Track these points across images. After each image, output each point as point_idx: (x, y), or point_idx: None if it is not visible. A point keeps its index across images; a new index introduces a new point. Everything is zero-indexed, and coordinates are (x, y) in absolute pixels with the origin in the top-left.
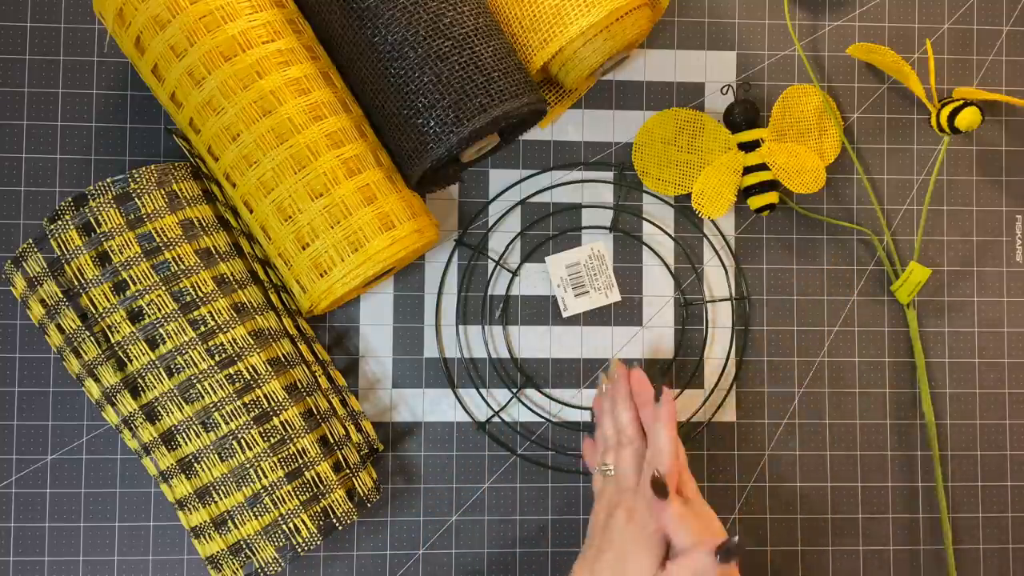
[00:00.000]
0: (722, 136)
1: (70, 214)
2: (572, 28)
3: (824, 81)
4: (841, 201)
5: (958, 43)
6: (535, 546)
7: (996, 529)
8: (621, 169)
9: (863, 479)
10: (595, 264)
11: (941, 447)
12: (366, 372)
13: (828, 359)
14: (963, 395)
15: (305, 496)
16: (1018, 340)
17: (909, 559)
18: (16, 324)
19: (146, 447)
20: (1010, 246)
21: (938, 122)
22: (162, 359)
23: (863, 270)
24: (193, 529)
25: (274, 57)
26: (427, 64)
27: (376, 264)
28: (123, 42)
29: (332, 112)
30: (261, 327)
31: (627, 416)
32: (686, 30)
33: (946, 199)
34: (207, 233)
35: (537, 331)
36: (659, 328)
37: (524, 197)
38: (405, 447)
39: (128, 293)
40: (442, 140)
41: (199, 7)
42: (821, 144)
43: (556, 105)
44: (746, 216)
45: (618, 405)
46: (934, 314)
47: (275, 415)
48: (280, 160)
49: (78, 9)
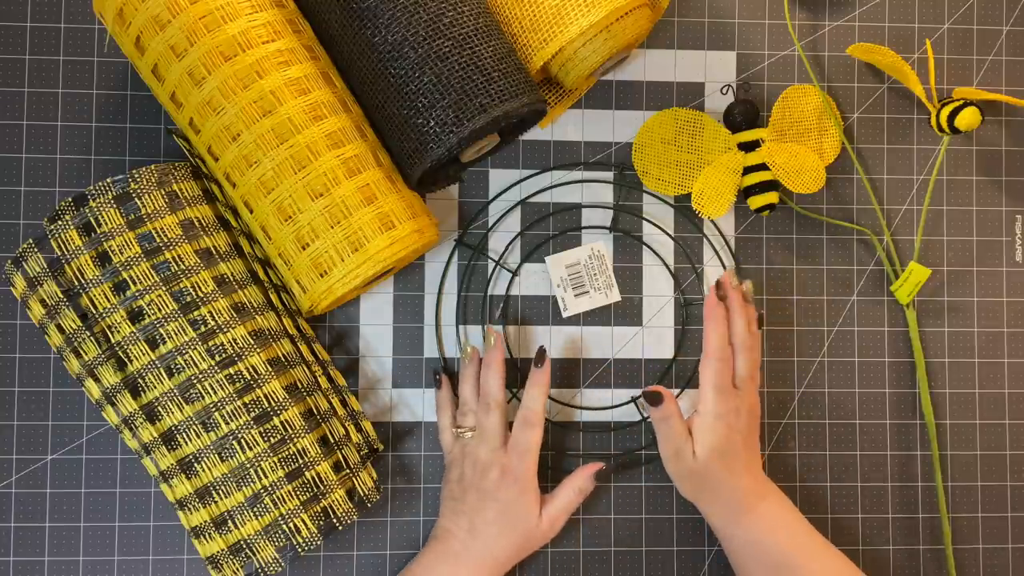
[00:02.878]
0: (722, 136)
1: (70, 214)
2: (572, 28)
3: (824, 81)
4: (841, 201)
5: (958, 43)
6: None
7: (996, 529)
8: (621, 169)
9: (863, 479)
10: (595, 264)
11: (941, 447)
12: (366, 372)
13: (828, 359)
14: (963, 395)
15: (305, 496)
16: (1018, 340)
17: (909, 559)
18: (16, 324)
19: (146, 447)
20: (1010, 246)
21: (938, 122)
22: (162, 359)
23: (863, 270)
24: (193, 529)
25: (274, 57)
26: (427, 64)
27: (376, 264)
28: (123, 42)
29: (332, 112)
30: (261, 327)
31: (496, 383)
32: (686, 30)
33: (946, 199)
34: (207, 233)
35: (537, 331)
36: (659, 328)
37: (524, 197)
38: (405, 447)
39: (128, 293)
40: (442, 140)
41: (199, 7)
42: (821, 144)
43: (556, 105)
44: (746, 216)
45: (490, 370)
46: (934, 314)
47: (275, 415)
48: (280, 160)
49: (78, 9)
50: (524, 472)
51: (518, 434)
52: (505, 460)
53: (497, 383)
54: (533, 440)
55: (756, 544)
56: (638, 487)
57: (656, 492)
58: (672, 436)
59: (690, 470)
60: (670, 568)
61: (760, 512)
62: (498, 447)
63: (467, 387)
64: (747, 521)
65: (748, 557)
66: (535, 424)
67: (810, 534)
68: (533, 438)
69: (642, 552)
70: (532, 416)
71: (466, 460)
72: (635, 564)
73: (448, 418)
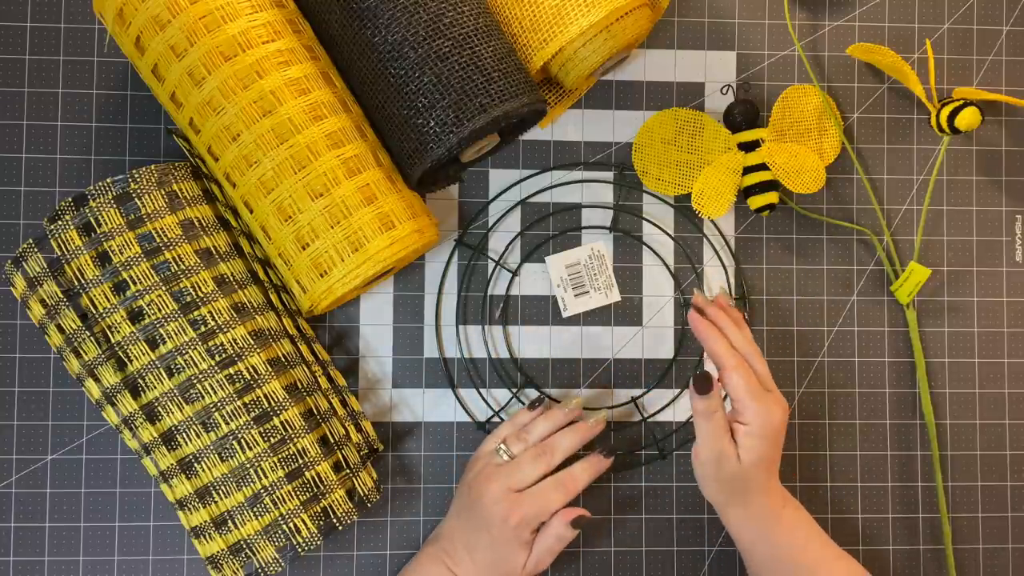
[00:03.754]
0: (722, 136)
1: (70, 214)
2: (572, 28)
3: (824, 81)
4: (841, 201)
5: (958, 43)
6: None
7: (996, 529)
8: (621, 169)
9: (863, 479)
10: (595, 264)
11: (941, 447)
12: (366, 372)
13: (828, 359)
14: (963, 395)
15: (305, 496)
16: (1018, 340)
17: (909, 559)
18: (16, 324)
19: (146, 447)
20: (1010, 246)
21: (938, 122)
22: (162, 359)
23: (863, 270)
24: (193, 529)
25: (274, 57)
26: (427, 64)
27: (376, 264)
28: (123, 42)
29: (332, 112)
30: (261, 327)
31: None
32: (686, 30)
33: (946, 199)
34: (207, 233)
35: (537, 331)
36: (659, 328)
37: (524, 197)
38: (405, 447)
39: (128, 293)
40: (442, 140)
41: (199, 7)
42: (821, 144)
43: (556, 105)
44: (746, 216)
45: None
46: (934, 314)
47: (275, 415)
48: (280, 160)
49: (78, 9)
50: (524, 528)
51: (548, 493)
52: (515, 507)
53: (569, 446)
54: (555, 506)
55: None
56: (638, 487)
57: (656, 492)
58: (716, 435)
59: (731, 475)
60: (670, 568)
61: (784, 521)
62: (516, 489)
63: (544, 426)
64: (775, 530)
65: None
66: (568, 493)
67: (826, 542)
68: (556, 504)
69: (642, 552)
70: (571, 486)
71: (481, 476)
72: (635, 564)
73: (506, 433)
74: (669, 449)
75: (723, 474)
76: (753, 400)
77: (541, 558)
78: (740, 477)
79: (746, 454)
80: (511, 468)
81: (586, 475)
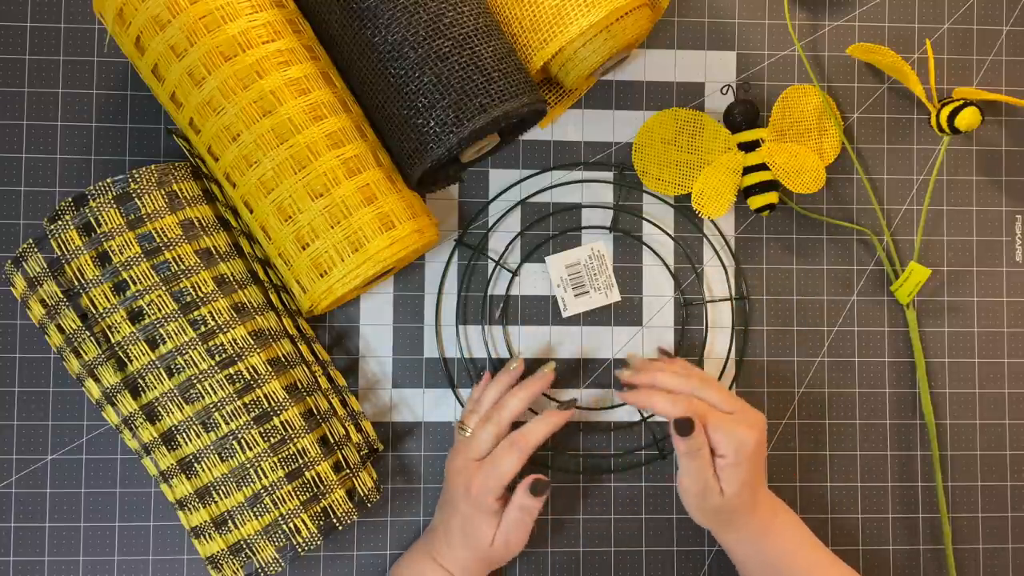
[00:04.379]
0: (722, 136)
1: (70, 214)
2: (572, 28)
3: (824, 81)
4: (841, 201)
5: (958, 43)
6: (534, 545)
7: (996, 529)
8: (621, 169)
9: (863, 479)
10: (595, 264)
11: (941, 447)
12: (366, 372)
13: (828, 359)
14: (963, 395)
15: (305, 496)
16: (1018, 340)
17: (909, 559)
18: (16, 324)
19: (146, 447)
20: (1010, 246)
21: (938, 122)
22: (162, 359)
23: (863, 270)
24: (193, 529)
25: (274, 57)
26: (427, 64)
27: (376, 264)
28: (123, 42)
29: (332, 112)
30: (261, 327)
31: (517, 405)
32: (686, 30)
33: (946, 199)
34: (207, 233)
35: (537, 331)
36: (659, 328)
37: (524, 197)
38: (405, 447)
39: (128, 293)
40: (442, 140)
41: (199, 7)
42: (821, 144)
43: (556, 105)
44: (746, 216)
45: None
46: (934, 314)
47: (275, 415)
48: (280, 160)
49: (78, 9)
50: (485, 495)
51: (500, 454)
52: (474, 475)
53: (518, 406)
54: (509, 466)
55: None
56: (638, 487)
57: (656, 492)
58: (701, 472)
59: (716, 508)
60: (670, 568)
61: (776, 531)
62: (475, 459)
63: (492, 392)
64: (765, 544)
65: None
66: (521, 451)
67: (816, 546)
68: (511, 465)
69: (642, 552)
70: (523, 442)
71: (448, 458)
72: (635, 564)
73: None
74: (669, 449)
75: (708, 506)
76: (717, 431)
77: (510, 532)
78: (725, 509)
79: (728, 486)
80: (466, 441)
81: (540, 430)
